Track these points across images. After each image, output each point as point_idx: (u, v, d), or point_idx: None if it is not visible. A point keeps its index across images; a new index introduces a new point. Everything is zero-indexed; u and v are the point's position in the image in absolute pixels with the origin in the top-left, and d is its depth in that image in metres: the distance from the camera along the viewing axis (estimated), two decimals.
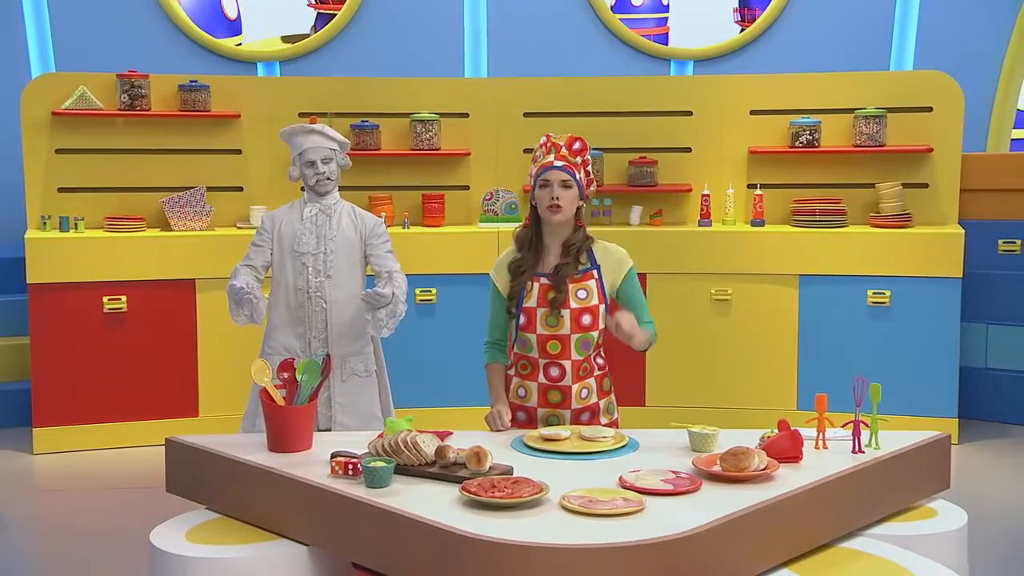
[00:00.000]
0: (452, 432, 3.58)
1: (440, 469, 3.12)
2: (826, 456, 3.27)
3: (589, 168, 3.67)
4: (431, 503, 2.87)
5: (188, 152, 6.38)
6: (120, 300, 5.98)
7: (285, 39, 7.45)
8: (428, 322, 6.20)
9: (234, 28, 7.44)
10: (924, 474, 3.43)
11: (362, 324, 4.22)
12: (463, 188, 6.61)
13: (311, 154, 4.24)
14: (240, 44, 7.42)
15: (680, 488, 2.95)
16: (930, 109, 6.31)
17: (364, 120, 6.44)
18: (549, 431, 3.42)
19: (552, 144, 3.64)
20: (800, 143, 6.34)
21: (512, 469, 3.11)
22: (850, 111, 6.34)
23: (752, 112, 6.49)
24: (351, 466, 3.10)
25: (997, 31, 7.27)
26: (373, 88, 6.56)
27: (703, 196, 6.36)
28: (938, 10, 7.26)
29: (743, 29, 7.48)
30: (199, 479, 3.45)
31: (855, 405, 3.31)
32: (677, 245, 6.26)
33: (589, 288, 3.62)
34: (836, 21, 7.34)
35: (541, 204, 3.61)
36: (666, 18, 7.59)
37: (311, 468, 3.20)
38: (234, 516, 3.30)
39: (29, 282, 5.88)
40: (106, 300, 5.95)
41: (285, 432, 3.40)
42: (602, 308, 3.63)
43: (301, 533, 3.11)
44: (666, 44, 7.55)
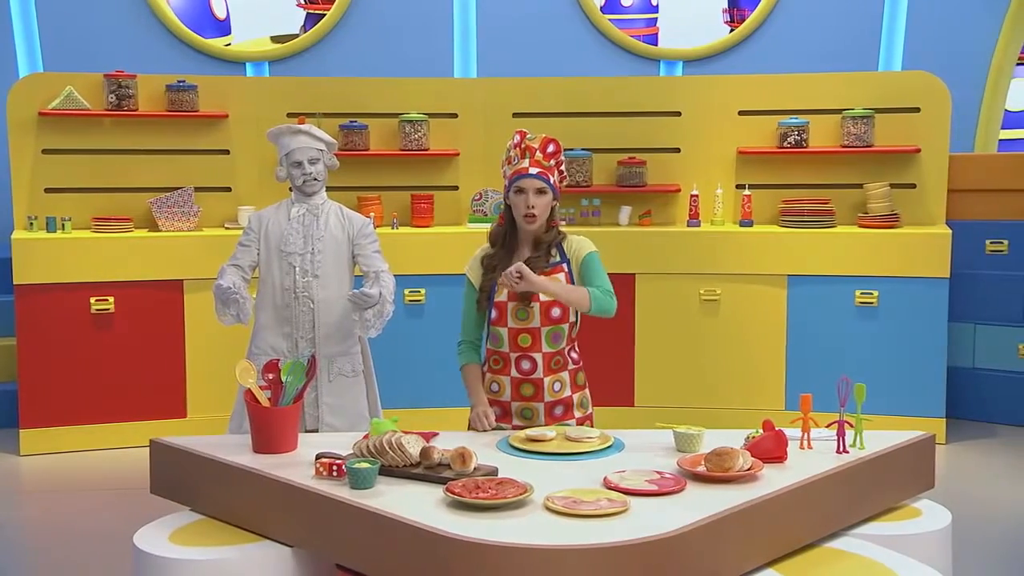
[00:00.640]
0: (438, 433, 3.59)
1: (425, 470, 3.12)
2: (811, 456, 3.28)
3: (563, 168, 3.73)
4: (415, 504, 2.87)
5: (176, 152, 6.36)
6: (108, 301, 5.96)
7: (274, 39, 7.44)
8: (417, 322, 6.19)
9: (223, 28, 7.43)
10: (909, 474, 3.44)
11: (349, 324, 4.22)
12: (452, 188, 6.60)
13: (298, 155, 4.23)
14: (229, 44, 7.41)
15: (665, 488, 2.95)
16: (918, 110, 6.32)
17: (353, 120, 6.43)
18: (535, 432, 3.43)
19: (526, 147, 3.67)
20: (788, 143, 6.35)
21: (497, 470, 3.11)
22: (838, 111, 6.35)
23: (741, 112, 6.49)
24: (335, 467, 3.10)
25: (985, 32, 7.28)
26: (362, 88, 6.55)
27: (692, 196, 6.36)
28: (926, 11, 7.27)
29: (732, 30, 7.49)
30: (183, 480, 3.44)
31: (839, 405, 3.32)
32: (666, 245, 6.26)
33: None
34: (824, 22, 7.35)
35: (516, 211, 3.66)
36: (655, 19, 7.59)
37: (296, 469, 3.20)
38: (218, 517, 3.30)
39: (16, 283, 5.86)
40: (93, 301, 5.94)
41: (270, 433, 3.40)
42: None
43: (285, 534, 3.11)
44: (655, 44, 7.55)
